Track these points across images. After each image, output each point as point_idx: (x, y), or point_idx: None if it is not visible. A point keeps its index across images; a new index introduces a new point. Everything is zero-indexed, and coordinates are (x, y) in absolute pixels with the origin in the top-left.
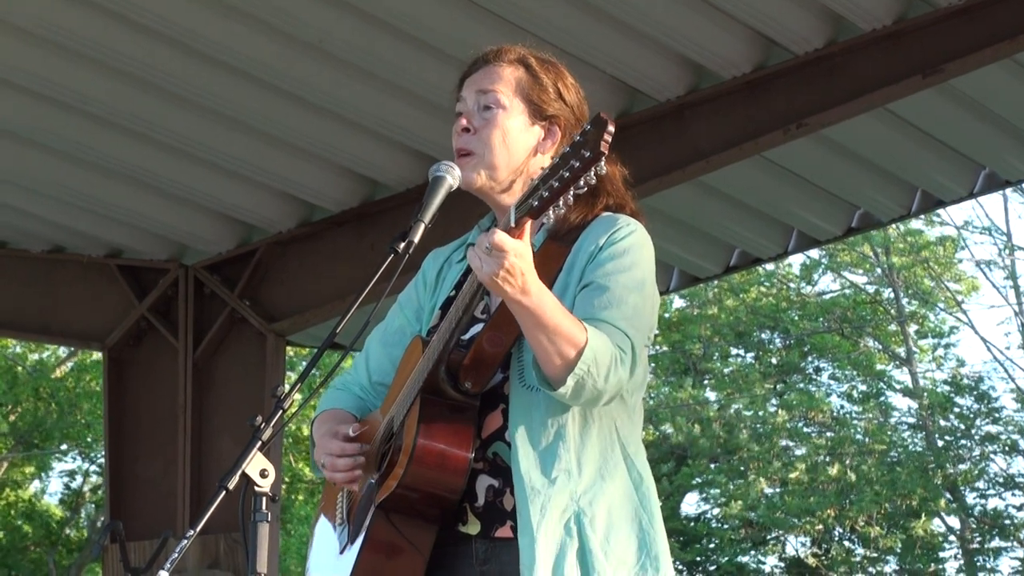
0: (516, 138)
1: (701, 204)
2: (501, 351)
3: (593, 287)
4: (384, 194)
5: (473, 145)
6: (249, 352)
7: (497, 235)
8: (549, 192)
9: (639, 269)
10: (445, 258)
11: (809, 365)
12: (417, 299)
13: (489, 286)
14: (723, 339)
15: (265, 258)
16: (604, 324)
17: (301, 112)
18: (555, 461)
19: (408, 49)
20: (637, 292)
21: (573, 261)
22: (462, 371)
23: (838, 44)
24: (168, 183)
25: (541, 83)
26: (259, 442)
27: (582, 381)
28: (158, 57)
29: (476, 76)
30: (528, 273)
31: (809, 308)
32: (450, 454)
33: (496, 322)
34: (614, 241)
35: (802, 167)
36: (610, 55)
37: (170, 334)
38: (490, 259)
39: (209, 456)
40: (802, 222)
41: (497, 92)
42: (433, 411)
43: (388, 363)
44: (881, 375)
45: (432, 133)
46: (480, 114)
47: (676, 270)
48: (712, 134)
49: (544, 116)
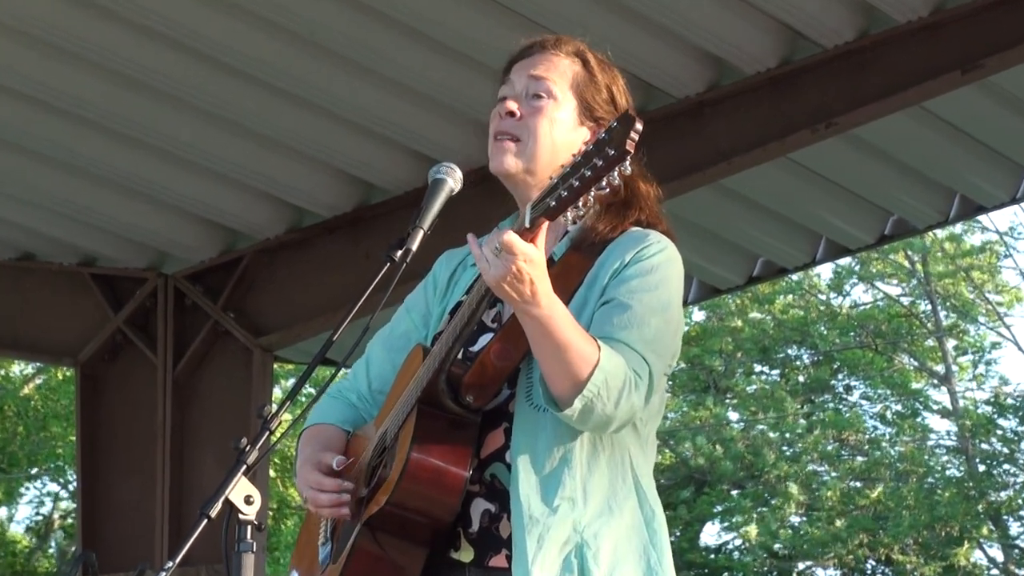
0: (563, 134)
1: (722, 209)
2: (509, 365)
3: (614, 304)
4: (380, 198)
5: (518, 130)
6: (233, 368)
7: (508, 235)
8: (568, 191)
9: (666, 290)
10: (459, 260)
11: (839, 383)
12: (426, 302)
13: (495, 290)
14: (746, 355)
15: (251, 267)
16: (621, 345)
17: (291, 109)
18: (558, 488)
19: (408, 43)
20: (661, 315)
21: (596, 275)
22: (464, 384)
23: (870, 37)
24: (146, 185)
25: (596, 83)
26: (244, 466)
27: (590, 404)
28: (132, 49)
29: (529, 61)
30: (539, 281)
31: (839, 321)
32: (445, 471)
33: (507, 333)
34: (642, 258)
35: (831, 169)
36: (624, 48)
37: (148, 349)
38: (498, 261)
39: (190, 481)
40: (831, 229)
41: (550, 81)
42: (430, 424)
43: (391, 370)
44: (917, 394)
45: (433, 132)
46: (528, 101)
47: (695, 280)
48: (734, 134)
49: (593, 118)
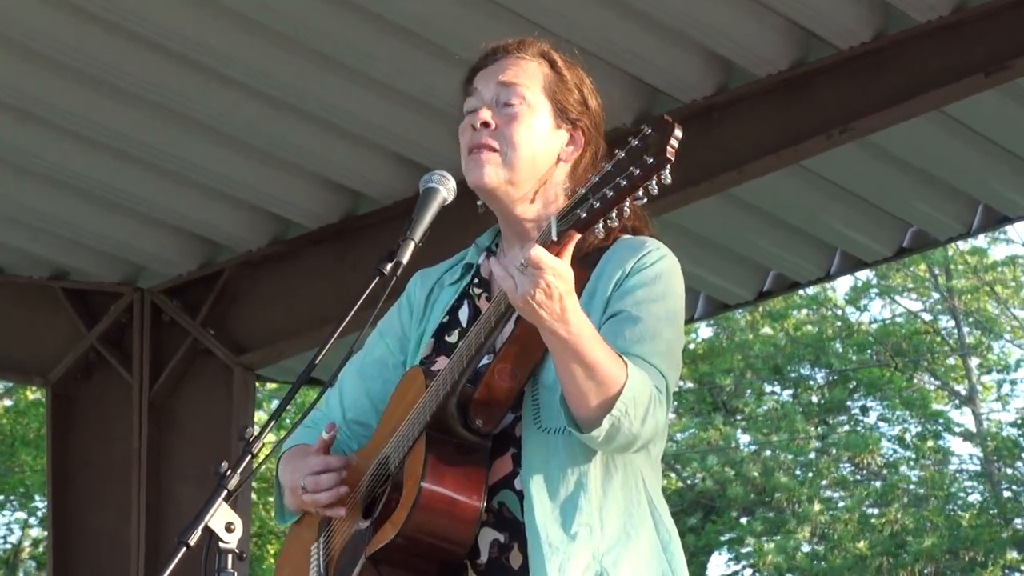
0: (541, 140)
1: (731, 220)
2: (516, 386)
3: (623, 317)
4: (368, 208)
5: (495, 140)
6: (214, 388)
7: (535, 250)
8: (601, 202)
9: (672, 299)
10: (435, 280)
11: (856, 404)
12: (401, 326)
13: (522, 310)
14: (757, 373)
15: (232, 281)
16: (639, 360)
17: (273, 114)
18: (576, 514)
19: (398, 43)
20: (671, 326)
21: (595, 287)
22: (473, 407)
23: (888, 37)
24: (122, 195)
25: (566, 83)
26: (225, 491)
27: (618, 424)
28: (107, 50)
29: (494, 68)
30: (567, 297)
31: (856, 338)
32: (459, 501)
33: (511, 352)
34: (644, 266)
35: (847, 178)
36: (627, 49)
37: (123, 367)
38: (524, 278)
39: (168, 507)
40: (847, 241)
41: (522, 87)
42: (441, 451)
43: (365, 399)
44: (938, 416)
45: (424, 138)
46: (501, 109)
47: (703, 296)
48: (744, 140)
49: (569, 120)
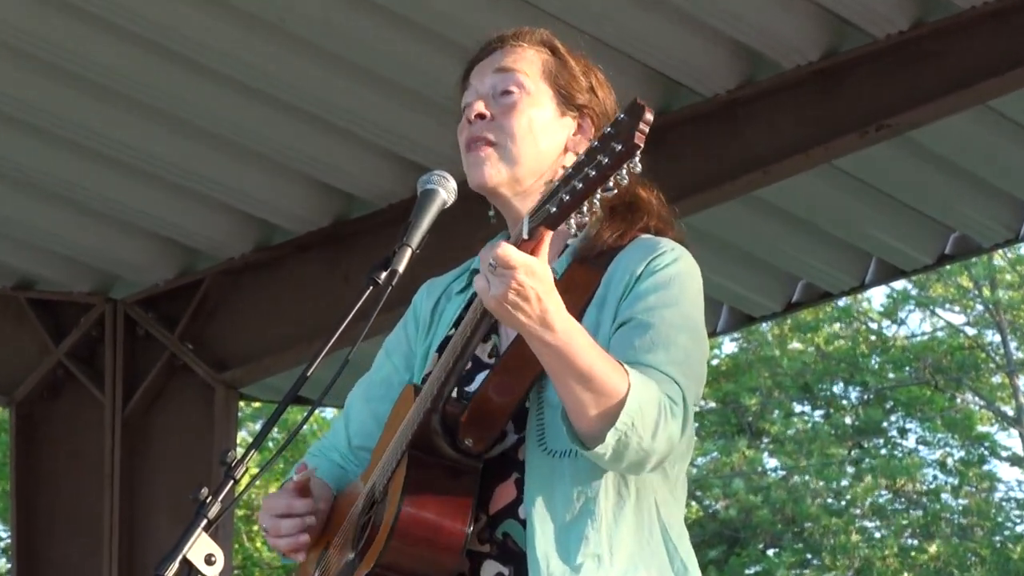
0: (544, 129)
1: (757, 225)
2: (511, 401)
3: (633, 324)
4: (361, 211)
5: (492, 133)
6: (193, 408)
7: (503, 247)
8: (571, 195)
9: (688, 304)
10: (442, 290)
11: (893, 425)
12: (407, 342)
13: (498, 314)
14: (785, 392)
15: (213, 291)
16: (649, 369)
17: (257, 108)
18: (581, 544)
19: (394, 31)
20: (687, 332)
21: (604, 294)
22: (463, 425)
23: (928, 25)
24: (92, 197)
25: (570, 68)
26: (205, 520)
27: (625, 439)
28: (73, 36)
29: (490, 60)
30: (547, 298)
31: (893, 354)
32: (442, 527)
33: (506, 364)
34: (656, 268)
35: (883, 179)
36: (644, 40)
37: (94, 385)
38: (495, 279)
39: (142, 537)
40: (883, 248)
41: (520, 73)
42: (423, 473)
43: (372, 423)
44: (984, 438)
45: (422, 135)
46: (498, 99)
47: (726, 307)
48: (770, 138)
49: (575, 106)
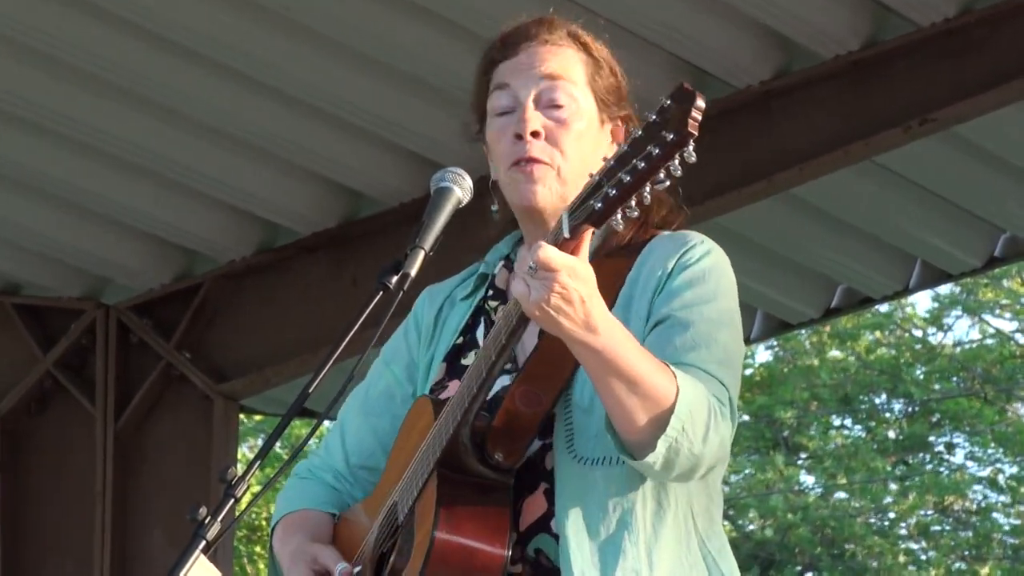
0: (592, 143)
1: (792, 226)
2: (540, 411)
3: (671, 323)
4: (371, 211)
5: (549, 155)
6: (190, 421)
7: (544, 249)
8: (618, 189)
9: (725, 298)
10: (445, 296)
11: (940, 440)
12: (408, 351)
13: (540, 320)
14: (823, 404)
15: (212, 296)
16: (692, 369)
17: (259, 101)
18: (619, 558)
19: (405, 18)
20: (727, 328)
21: (631, 293)
22: (491, 438)
23: (976, 12)
24: (83, 195)
25: (602, 69)
26: (203, 542)
27: (676, 445)
28: (62, 23)
29: (527, 57)
30: (591, 300)
31: (940, 363)
32: (480, 552)
33: (530, 373)
34: (688, 263)
35: (927, 176)
36: (670, 26)
37: (85, 397)
38: (536, 282)
39: (136, 560)
40: (928, 249)
41: (568, 82)
42: (455, 492)
43: (371, 439)
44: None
45: (435, 130)
46: (546, 111)
47: (760, 313)
48: (807, 132)
49: (610, 112)
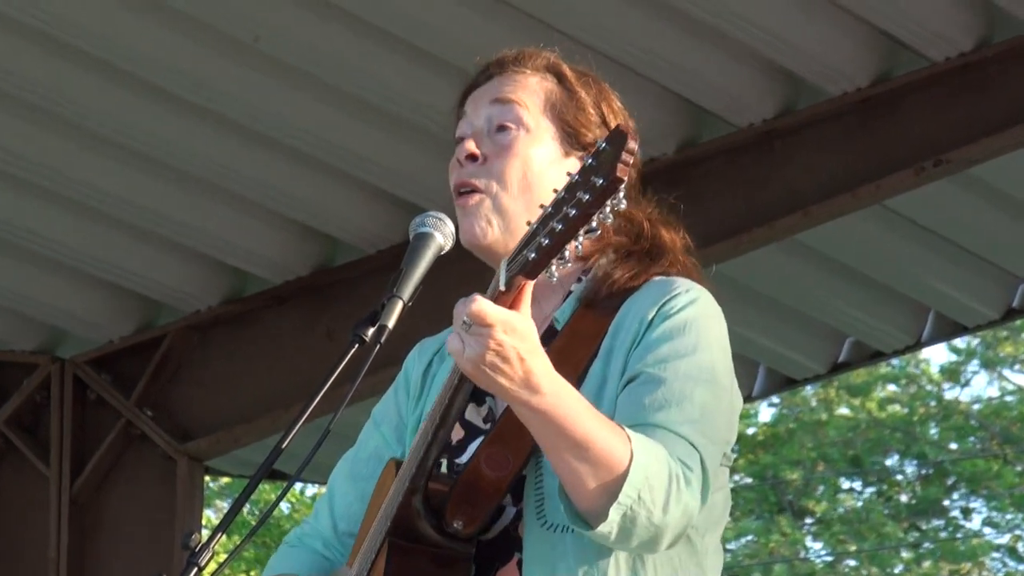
0: (543, 173)
1: (797, 274)
2: (506, 475)
3: (643, 380)
4: (347, 258)
5: (480, 178)
6: (151, 483)
7: (477, 302)
8: (551, 239)
9: (707, 351)
10: (435, 351)
11: (955, 504)
12: (397, 411)
13: (475, 378)
14: (831, 465)
15: (175, 349)
16: (659, 430)
17: (226, 139)
18: None
19: (386, 52)
20: (705, 385)
21: (613, 342)
22: (451, 504)
23: (994, 47)
24: (37, 240)
25: (578, 99)
26: None
27: (632, 514)
28: (20, 62)
29: (488, 87)
30: (530, 357)
31: (955, 421)
32: None
33: (500, 433)
34: (669, 312)
35: (941, 222)
36: (668, 61)
37: (38, 457)
38: (470, 338)
39: None
40: (942, 300)
41: (519, 105)
42: (407, 564)
43: (359, 505)
44: None
45: (416, 171)
46: (492, 136)
47: (763, 368)
48: (813, 174)
49: (582, 145)
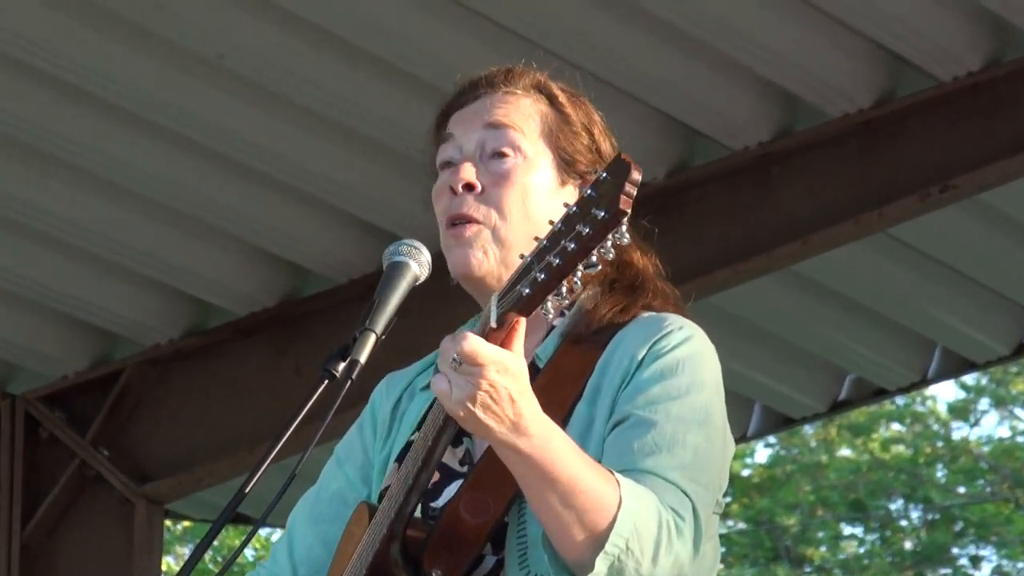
0: (541, 204)
1: (795, 306)
2: (487, 521)
3: (632, 423)
4: (316, 288)
5: (480, 210)
6: (108, 527)
7: (470, 340)
8: (547, 273)
9: (700, 393)
10: (404, 386)
11: (964, 551)
12: (363, 449)
13: (463, 421)
14: (831, 509)
15: (134, 385)
16: (650, 477)
17: (187, 161)
18: None
19: (359, 71)
20: (698, 428)
21: (600, 380)
22: (429, 552)
23: (1004, 65)
24: None
25: (571, 124)
26: None
27: (619, 564)
28: None
29: (476, 107)
30: (521, 399)
31: (964, 463)
32: None
33: (480, 478)
34: (660, 352)
35: (948, 251)
36: (660, 81)
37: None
38: (459, 377)
39: None
40: (949, 335)
41: (515, 131)
42: None
43: (321, 549)
44: None
45: (389, 196)
46: (487, 163)
47: (758, 407)
48: (812, 200)
49: (577, 172)
